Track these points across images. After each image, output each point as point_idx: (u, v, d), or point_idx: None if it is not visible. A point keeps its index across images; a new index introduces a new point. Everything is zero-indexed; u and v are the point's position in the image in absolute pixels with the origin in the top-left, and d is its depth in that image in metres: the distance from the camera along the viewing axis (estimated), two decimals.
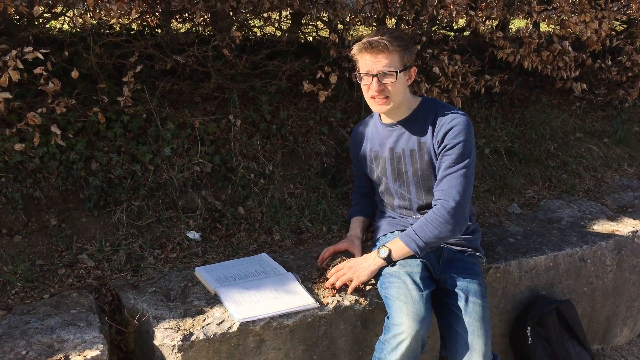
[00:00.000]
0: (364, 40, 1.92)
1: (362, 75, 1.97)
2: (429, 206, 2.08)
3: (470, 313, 1.94)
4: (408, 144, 2.06)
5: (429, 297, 1.91)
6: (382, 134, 2.14)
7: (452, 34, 3.70)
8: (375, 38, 1.90)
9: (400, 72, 1.93)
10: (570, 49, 3.16)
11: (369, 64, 1.93)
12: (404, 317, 1.82)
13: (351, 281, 2.01)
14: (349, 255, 2.19)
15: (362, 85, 2.01)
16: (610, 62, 3.49)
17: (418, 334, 1.80)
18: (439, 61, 2.92)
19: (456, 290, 2.00)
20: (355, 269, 2.02)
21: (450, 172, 1.96)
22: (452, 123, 1.96)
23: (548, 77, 3.46)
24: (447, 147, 1.96)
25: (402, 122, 2.08)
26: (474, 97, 3.40)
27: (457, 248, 2.10)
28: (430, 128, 2.01)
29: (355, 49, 1.96)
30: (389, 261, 1.99)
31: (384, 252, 1.99)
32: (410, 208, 2.14)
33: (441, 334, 2.07)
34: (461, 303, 1.97)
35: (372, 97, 1.98)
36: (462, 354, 1.93)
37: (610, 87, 3.77)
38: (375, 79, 1.93)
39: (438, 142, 1.99)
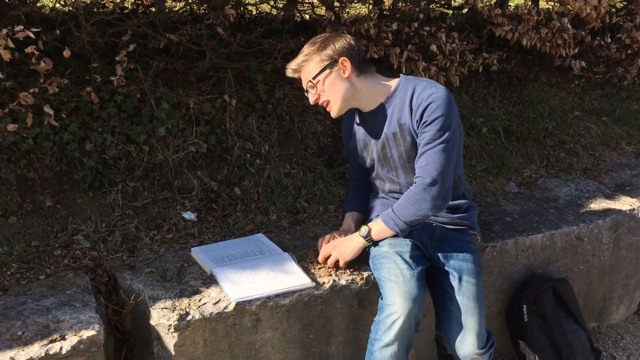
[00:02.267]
0: (286, 69, 2.05)
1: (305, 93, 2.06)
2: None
3: (464, 292, 1.95)
4: (390, 128, 2.01)
5: (422, 275, 1.91)
6: (366, 122, 2.10)
7: (450, 11, 3.66)
8: (291, 63, 2.01)
9: (315, 77, 1.95)
10: (569, 26, 3.12)
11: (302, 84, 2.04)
12: (396, 297, 1.82)
13: (338, 261, 2.03)
14: None
15: None
16: (609, 40, 3.45)
17: (411, 313, 1.81)
18: (436, 39, 2.88)
19: (449, 269, 1.99)
20: (339, 248, 2.03)
21: (429, 148, 1.89)
22: (429, 99, 1.88)
23: (547, 55, 3.42)
24: (425, 124, 1.89)
25: (379, 108, 2.03)
26: (471, 76, 3.37)
27: (451, 226, 2.09)
28: (408, 108, 1.94)
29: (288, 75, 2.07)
30: (370, 240, 2.00)
31: (364, 231, 1.99)
32: (400, 192, 2.11)
33: (436, 313, 2.08)
34: (454, 282, 1.97)
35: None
36: (455, 333, 1.94)
37: (610, 64, 3.73)
38: (309, 94, 2.02)
39: (417, 121, 1.92)
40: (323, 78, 1.95)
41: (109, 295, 2.00)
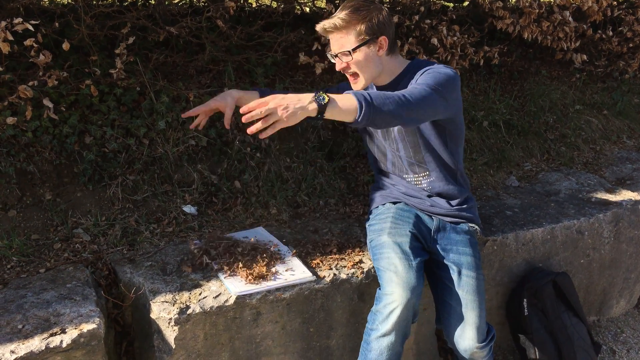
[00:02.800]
0: (321, 22, 1.93)
1: (329, 56, 2.00)
2: (419, 163, 2.08)
3: (464, 286, 1.94)
4: None
5: (420, 266, 1.91)
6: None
7: (451, 4, 3.64)
8: (328, 21, 1.91)
9: (355, 50, 1.90)
10: (570, 19, 3.11)
11: (331, 44, 1.96)
12: (394, 287, 1.82)
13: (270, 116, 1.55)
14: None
15: None
16: (611, 33, 3.43)
17: (409, 303, 1.80)
18: (437, 32, 2.87)
19: (449, 262, 1.99)
20: (282, 99, 1.55)
21: (416, 86, 1.81)
22: (428, 67, 1.91)
23: (548, 49, 3.41)
24: (416, 78, 1.90)
25: (386, 87, 2.05)
26: (472, 69, 3.35)
27: (449, 219, 2.10)
28: (414, 82, 1.92)
29: (317, 30, 1.97)
30: (322, 110, 1.57)
31: (321, 99, 1.57)
32: (402, 168, 2.13)
33: (436, 307, 2.08)
34: (454, 276, 1.96)
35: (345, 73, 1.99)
36: (455, 327, 1.94)
37: (611, 58, 3.72)
38: (337, 58, 1.96)
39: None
40: (357, 54, 1.92)
41: (109, 288, 2.00)
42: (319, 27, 1.95)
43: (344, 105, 1.59)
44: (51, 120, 2.23)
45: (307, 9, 3.20)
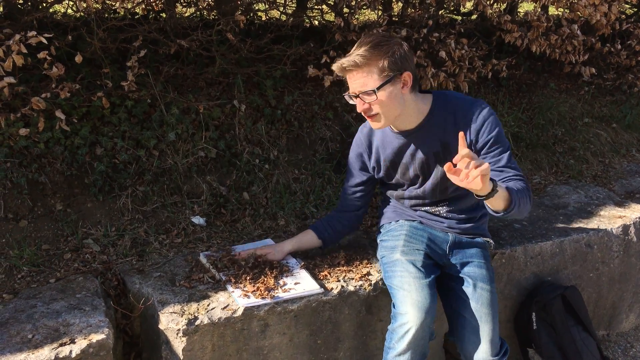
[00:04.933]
0: (339, 61, 1.78)
1: (346, 97, 1.85)
2: (442, 198, 2.05)
3: (478, 299, 1.93)
4: (431, 148, 1.93)
5: (433, 284, 1.91)
6: (395, 142, 1.98)
7: (459, 17, 3.66)
8: (347, 58, 1.75)
9: (379, 89, 1.76)
10: (579, 32, 3.12)
11: (350, 84, 1.80)
12: (408, 306, 1.82)
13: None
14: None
15: None
16: (619, 46, 3.44)
17: (424, 323, 1.80)
18: (445, 45, 2.88)
19: (464, 276, 1.98)
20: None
21: (503, 166, 1.84)
22: (479, 119, 1.84)
23: (556, 62, 3.42)
24: (487, 145, 1.85)
25: (417, 130, 1.92)
26: (481, 82, 3.37)
27: (465, 234, 2.09)
28: (452, 126, 1.88)
29: (338, 64, 1.79)
30: (493, 188, 1.60)
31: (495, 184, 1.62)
32: (423, 204, 2.09)
33: (449, 320, 2.07)
34: (469, 289, 1.95)
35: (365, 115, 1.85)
36: (469, 341, 1.93)
37: (619, 71, 3.72)
38: (358, 99, 1.80)
39: (473, 139, 1.86)
40: (380, 93, 1.77)
41: (118, 299, 2.01)
42: (336, 66, 1.78)
43: (504, 199, 1.67)
44: (63, 131, 2.26)
45: (316, 22, 3.23)
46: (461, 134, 1.59)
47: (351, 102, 1.86)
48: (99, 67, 2.41)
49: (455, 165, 1.58)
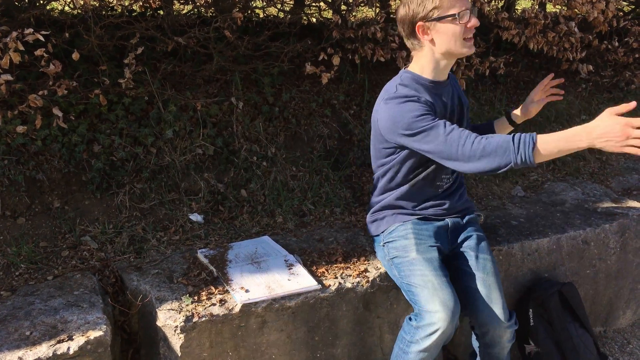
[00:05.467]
0: None
1: (461, 13, 1.77)
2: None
3: (483, 269, 2.00)
4: (456, 99, 2.03)
5: (450, 281, 1.95)
6: (437, 93, 1.96)
7: None
8: None
9: None
10: (576, 29, 3.12)
11: (462, 1, 1.78)
12: (438, 305, 1.84)
13: None
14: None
15: (455, 28, 1.79)
16: (617, 43, 3.44)
17: (452, 322, 1.84)
18: None
19: (465, 250, 2.06)
20: None
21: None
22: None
23: (554, 59, 3.42)
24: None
25: (446, 82, 1.98)
26: (478, 79, 3.37)
27: (458, 214, 2.14)
28: (456, 84, 2.10)
29: None
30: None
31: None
32: (436, 176, 2.05)
33: (460, 297, 2.04)
34: (472, 261, 2.02)
35: (466, 38, 1.82)
36: (483, 309, 1.97)
37: (617, 68, 3.73)
38: (473, 14, 1.81)
39: (464, 97, 2.11)
40: None
41: (116, 296, 2.01)
42: None
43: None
44: (60, 129, 2.26)
45: (314, 19, 3.23)
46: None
47: (468, 20, 1.79)
48: (96, 65, 2.41)
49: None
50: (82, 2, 2.11)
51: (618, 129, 1.54)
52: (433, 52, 1.88)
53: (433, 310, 1.84)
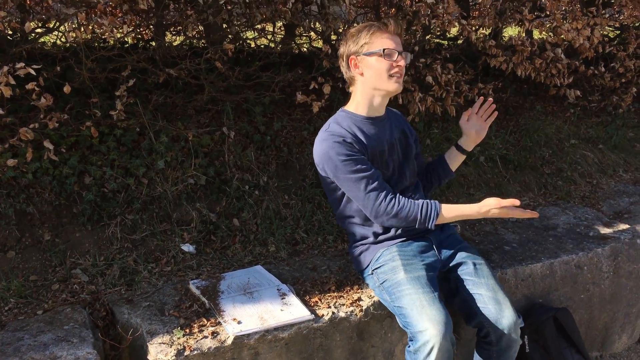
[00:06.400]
0: (381, 21, 1.97)
1: (387, 51, 1.93)
2: (413, 188, 2.18)
3: (482, 274, 2.05)
4: (398, 134, 2.14)
5: (441, 297, 1.96)
6: (373, 128, 2.05)
7: (445, 42, 3.71)
8: (398, 23, 1.97)
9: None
10: (562, 56, 3.17)
11: (394, 43, 1.95)
12: (427, 322, 1.82)
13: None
14: None
15: (380, 64, 1.94)
16: (603, 69, 3.50)
17: (446, 335, 1.81)
18: (432, 70, 2.93)
19: (460, 260, 2.09)
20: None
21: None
22: (403, 116, 2.29)
23: (542, 84, 3.47)
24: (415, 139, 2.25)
25: (385, 115, 2.12)
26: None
27: (437, 228, 2.16)
28: (396, 118, 2.20)
29: (373, 28, 1.95)
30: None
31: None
32: (408, 189, 2.18)
33: (464, 308, 2.07)
34: (471, 269, 2.06)
35: (392, 75, 1.96)
36: (493, 311, 1.97)
37: (604, 93, 3.78)
38: (401, 55, 1.95)
39: (411, 130, 2.22)
40: None
41: (107, 330, 1.98)
42: (381, 23, 1.96)
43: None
44: (51, 161, 2.26)
45: (305, 48, 3.27)
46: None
47: (393, 58, 1.94)
48: (87, 97, 2.43)
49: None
50: (73, 36, 2.13)
51: (494, 203, 1.96)
52: (365, 87, 2.02)
53: (423, 329, 1.82)
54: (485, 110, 2.25)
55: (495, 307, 1.98)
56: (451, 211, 1.99)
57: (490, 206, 1.95)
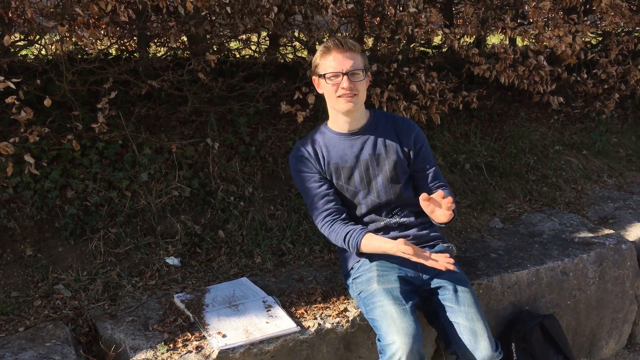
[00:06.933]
0: (330, 40, 1.97)
1: (328, 75, 1.96)
2: (398, 207, 2.12)
3: (463, 301, 1.97)
4: (375, 150, 2.08)
5: (414, 309, 1.92)
6: (340, 145, 2.08)
7: (430, 50, 3.73)
8: (345, 39, 1.96)
9: (366, 71, 2.00)
10: (545, 63, 3.19)
11: (338, 63, 1.95)
12: (394, 335, 1.80)
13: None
14: None
15: (328, 86, 1.99)
16: (585, 75, 3.52)
17: (413, 348, 1.79)
18: (416, 79, 2.93)
19: (442, 284, 2.02)
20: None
21: (434, 166, 2.15)
22: (413, 126, 2.14)
23: (526, 91, 3.49)
24: (422, 147, 2.12)
25: (364, 129, 2.09)
26: (452, 113, 3.42)
27: (426, 244, 2.13)
28: (393, 131, 2.10)
29: (320, 50, 1.98)
30: (452, 219, 1.96)
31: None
32: (380, 213, 2.12)
33: (443, 335, 2.05)
34: (451, 295, 1.99)
35: (340, 96, 1.98)
36: (469, 342, 1.94)
37: (587, 99, 3.81)
38: (345, 77, 1.94)
39: (411, 142, 2.10)
40: (368, 75, 2.03)
41: (90, 346, 1.96)
42: (330, 42, 1.96)
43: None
44: (32, 175, 2.23)
45: (291, 57, 3.26)
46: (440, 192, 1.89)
47: (332, 81, 1.97)
48: (69, 110, 2.40)
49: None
50: (53, 49, 2.11)
51: (405, 249, 1.88)
52: (327, 105, 2.09)
53: (391, 341, 1.80)
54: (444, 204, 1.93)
55: (471, 338, 1.93)
56: (369, 245, 1.97)
57: (401, 250, 1.87)
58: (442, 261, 1.88)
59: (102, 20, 2.18)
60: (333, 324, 2.02)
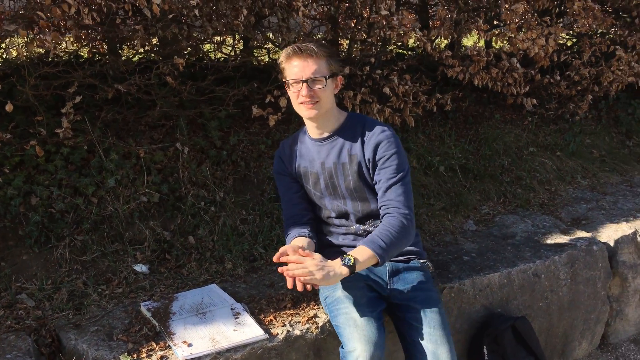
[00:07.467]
0: (291, 46, 1.93)
1: (290, 82, 1.93)
2: (367, 216, 2.07)
3: (429, 323, 1.92)
4: (340, 158, 2.03)
5: (380, 316, 1.90)
6: (311, 149, 2.08)
7: (406, 52, 3.73)
8: (304, 44, 1.92)
9: (328, 78, 1.93)
10: (518, 65, 3.20)
11: (298, 70, 1.91)
12: (356, 343, 1.78)
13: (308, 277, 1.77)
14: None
15: (290, 93, 1.97)
16: (559, 77, 3.54)
17: (374, 356, 1.76)
18: (389, 81, 2.92)
19: (410, 302, 1.97)
20: (312, 273, 1.76)
21: (393, 183, 1.96)
22: (380, 136, 1.98)
23: (501, 93, 3.50)
24: (383, 159, 1.98)
25: (331, 136, 2.04)
26: (427, 115, 3.41)
27: (400, 258, 2.09)
28: (359, 140, 2.01)
29: (283, 56, 1.95)
30: (353, 270, 1.81)
31: (348, 260, 1.81)
32: (348, 218, 2.10)
33: (406, 352, 2.02)
34: (418, 315, 1.94)
35: (302, 103, 1.95)
36: None
37: (561, 101, 3.83)
38: (304, 84, 1.90)
39: (371, 154, 1.99)
40: (328, 82, 1.94)
41: (53, 357, 1.91)
42: (289, 49, 1.92)
43: (365, 260, 1.84)
44: None
45: (266, 59, 3.24)
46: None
47: (293, 88, 1.94)
48: (33, 115, 2.35)
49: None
50: (15, 53, 2.06)
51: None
52: None
53: (352, 348, 1.78)
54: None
55: None
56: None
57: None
58: (290, 272, 1.77)
59: (65, 23, 2.13)
60: (302, 330, 2.00)
